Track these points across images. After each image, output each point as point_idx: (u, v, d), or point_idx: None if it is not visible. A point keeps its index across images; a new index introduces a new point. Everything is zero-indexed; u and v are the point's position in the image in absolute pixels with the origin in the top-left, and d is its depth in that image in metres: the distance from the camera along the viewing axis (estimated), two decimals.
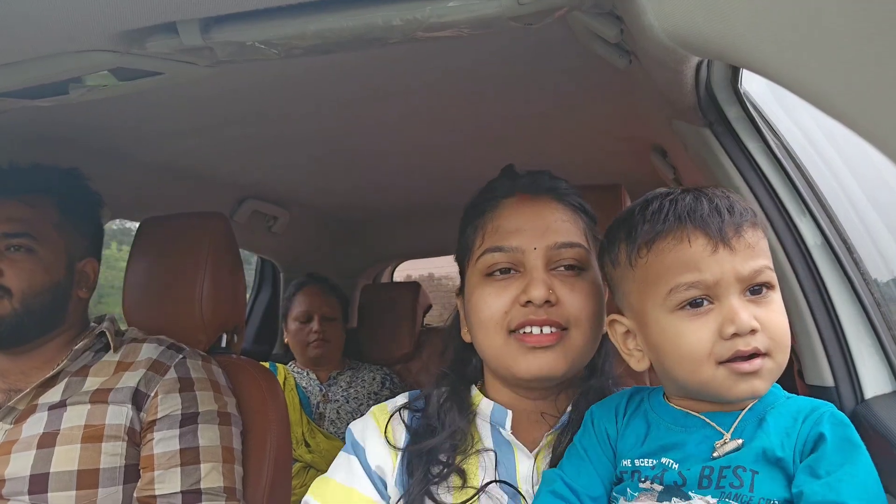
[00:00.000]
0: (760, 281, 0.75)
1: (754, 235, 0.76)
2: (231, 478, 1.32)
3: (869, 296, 1.04)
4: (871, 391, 0.98)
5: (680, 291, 0.75)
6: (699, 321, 0.75)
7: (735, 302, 0.73)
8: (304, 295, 2.49)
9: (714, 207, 0.76)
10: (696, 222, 0.75)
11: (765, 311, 0.74)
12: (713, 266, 0.73)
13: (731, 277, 0.74)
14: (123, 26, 0.87)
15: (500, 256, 0.92)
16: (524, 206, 0.95)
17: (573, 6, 0.84)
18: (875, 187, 1.30)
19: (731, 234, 0.74)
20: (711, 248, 0.74)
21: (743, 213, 0.76)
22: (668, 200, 0.78)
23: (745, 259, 0.74)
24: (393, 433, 0.98)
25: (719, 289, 0.74)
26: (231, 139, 1.74)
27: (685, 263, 0.75)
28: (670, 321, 0.76)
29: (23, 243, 1.31)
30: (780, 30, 0.49)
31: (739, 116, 1.13)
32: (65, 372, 1.32)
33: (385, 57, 1.26)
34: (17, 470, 1.20)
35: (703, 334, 0.74)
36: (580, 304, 0.91)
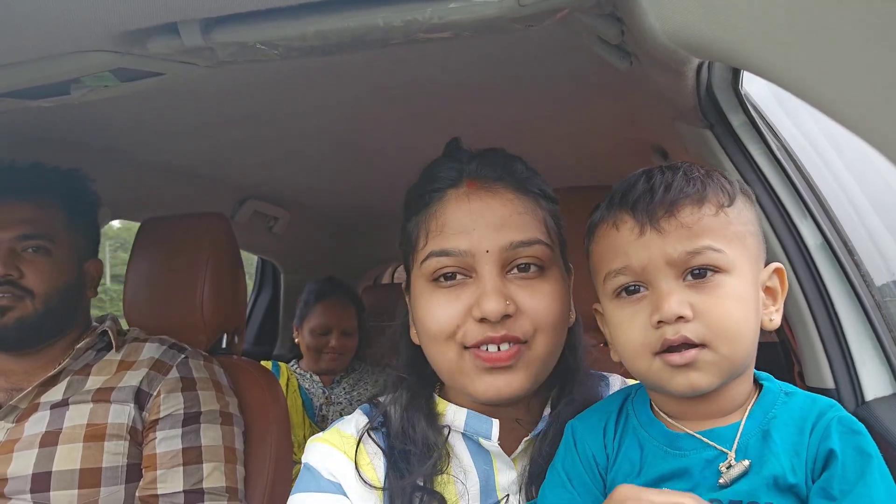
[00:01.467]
0: (699, 263, 0.68)
1: (695, 213, 0.69)
2: (233, 478, 1.32)
3: (870, 298, 1.04)
4: (871, 393, 0.98)
5: (611, 278, 0.72)
6: (633, 308, 0.71)
7: (664, 287, 0.68)
8: (324, 306, 2.41)
9: (650, 186, 0.70)
10: (626, 204, 0.71)
11: (706, 298, 0.67)
12: (639, 250, 0.69)
13: (659, 261, 0.68)
14: (124, 27, 0.87)
15: (447, 261, 0.80)
16: (473, 199, 0.81)
17: (574, 8, 0.83)
18: (876, 189, 1.30)
19: (659, 215, 0.69)
20: (638, 231, 0.69)
21: (684, 188, 0.70)
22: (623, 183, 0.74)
23: (678, 240, 0.68)
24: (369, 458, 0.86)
25: (648, 274, 0.69)
26: (232, 140, 1.74)
27: (614, 249, 0.72)
28: (611, 309, 0.74)
29: (40, 244, 1.33)
30: (780, 32, 0.49)
31: (740, 118, 1.13)
32: (67, 371, 1.33)
33: (386, 58, 1.26)
34: (19, 469, 1.20)
35: (636, 323, 0.70)
36: (543, 311, 0.80)
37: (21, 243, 1.31)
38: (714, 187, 0.71)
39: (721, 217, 0.70)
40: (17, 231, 1.31)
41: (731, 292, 0.68)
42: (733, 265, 0.69)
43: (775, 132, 1.18)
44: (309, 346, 2.41)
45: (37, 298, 1.30)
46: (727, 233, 0.69)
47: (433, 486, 0.83)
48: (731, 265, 0.69)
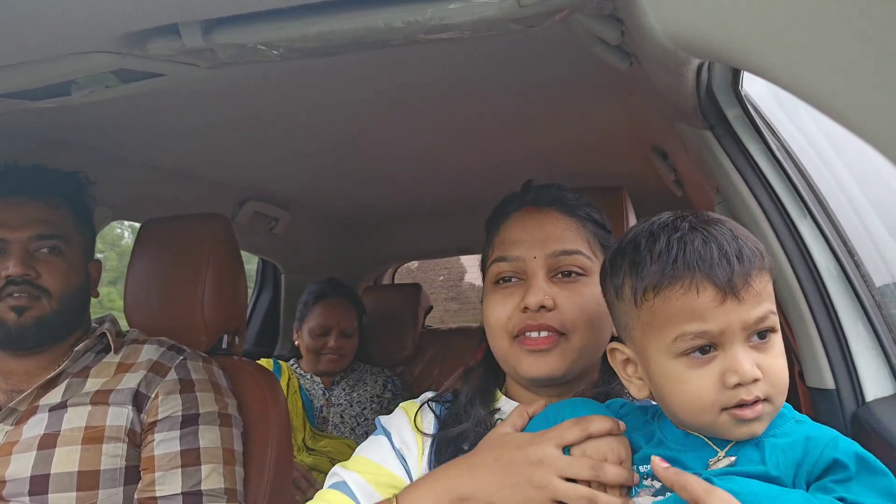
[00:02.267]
0: (765, 327, 0.75)
1: (762, 281, 0.76)
2: (232, 479, 1.32)
3: (870, 298, 1.04)
4: (871, 394, 0.98)
5: (685, 340, 0.75)
6: (702, 369, 0.75)
7: (739, 352, 0.74)
8: (324, 307, 2.41)
9: (723, 254, 0.75)
10: (705, 271, 0.74)
11: (767, 358, 0.75)
12: (719, 317, 0.74)
13: (736, 327, 0.74)
14: (125, 28, 0.87)
15: (505, 266, 0.99)
16: (528, 218, 1.01)
17: (574, 8, 0.84)
18: (876, 188, 1.30)
19: (740, 286, 0.74)
20: (720, 300, 0.74)
21: (752, 258, 0.76)
22: (677, 240, 0.77)
23: (752, 307, 0.74)
24: (422, 421, 1.04)
25: (724, 338, 0.74)
26: (232, 141, 1.75)
27: (692, 313, 0.75)
28: (673, 366, 0.77)
29: (54, 245, 1.34)
30: (780, 32, 0.49)
31: (740, 118, 1.13)
32: (66, 373, 1.33)
33: (386, 59, 1.26)
34: (17, 471, 1.20)
35: (706, 382, 0.75)
36: (578, 309, 0.95)
37: (36, 243, 1.32)
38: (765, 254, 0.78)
39: (771, 282, 0.78)
40: (32, 231, 1.32)
41: (780, 350, 0.77)
42: (778, 324, 0.77)
43: (775, 132, 1.18)
44: (308, 346, 2.41)
45: (53, 298, 1.31)
46: (772, 293, 0.78)
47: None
48: (778, 324, 0.77)
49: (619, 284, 0.82)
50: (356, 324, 2.46)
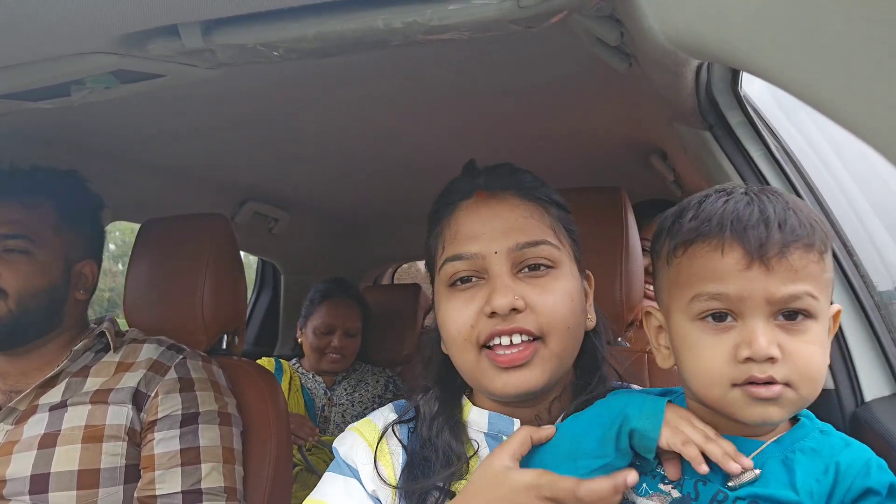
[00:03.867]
0: (795, 307, 0.68)
1: (804, 258, 0.68)
2: (231, 478, 1.32)
3: (869, 299, 1.04)
4: (870, 394, 0.99)
5: (702, 300, 0.70)
6: (717, 337, 0.70)
7: (758, 326, 0.68)
8: (329, 306, 2.41)
9: (764, 217, 0.69)
10: (737, 232, 0.69)
11: (793, 341, 0.68)
12: (741, 282, 0.68)
13: (759, 297, 0.68)
14: (125, 29, 0.87)
15: (461, 265, 0.86)
16: (482, 207, 0.88)
17: (573, 9, 0.84)
18: (875, 189, 1.30)
19: (772, 253, 0.67)
20: (745, 264, 0.68)
21: (797, 229, 0.69)
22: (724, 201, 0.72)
23: (783, 282, 0.67)
24: (389, 454, 0.90)
25: (744, 307, 0.68)
26: (232, 141, 1.75)
27: (713, 273, 0.69)
28: (690, 330, 0.72)
29: (19, 245, 1.31)
30: (779, 32, 0.49)
31: (739, 119, 1.13)
32: (65, 372, 1.33)
33: (386, 60, 1.26)
34: (17, 470, 1.20)
35: (718, 352, 0.69)
36: (552, 307, 0.83)
37: (1, 243, 1.30)
38: (819, 233, 0.71)
39: (821, 264, 0.70)
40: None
41: (816, 339, 0.69)
42: (822, 313, 0.70)
43: (774, 133, 1.18)
44: (312, 345, 2.41)
45: (10, 299, 1.28)
46: (822, 280, 0.70)
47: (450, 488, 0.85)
48: (821, 312, 0.70)
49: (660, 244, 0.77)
50: (360, 324, 2.46)
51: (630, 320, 1.30)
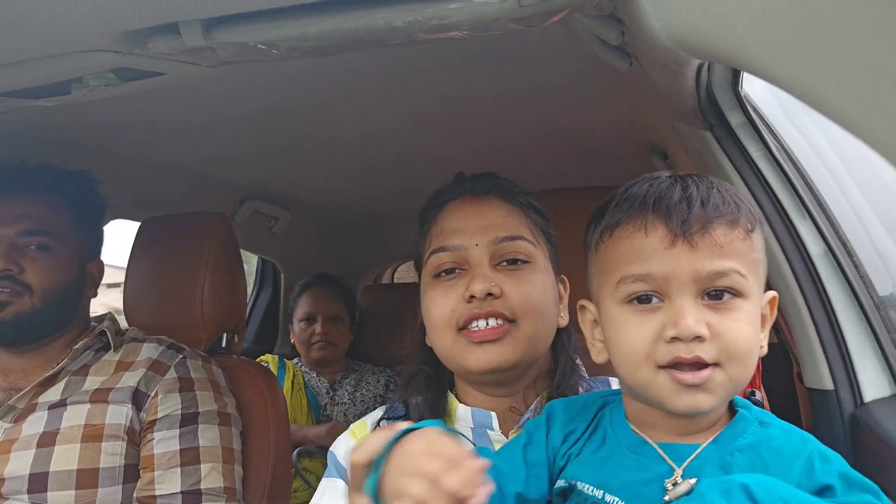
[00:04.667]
0: (723, 285, 0.67)
1: (729, 234, 0.68)
2: (231, 478, 1.32)
3: (869, 299, 1.04)
4: (870, 395, 0.99)
5: (627, 283, 0.69)
6: (643, 317, 0.68)
7: (685, 304, 0.66)
8: (308, 296, 2.47)
9: (686, 196, 0.68)
10: (659, 211, 0.68)
11: (723, 319, 0.66)
12: (667, 261, 0.67)
13: (685, 276, 0.66)
14: (126, 27, 0.87)
15: (445, 256, 0.94)
16: (467, 207, 0.97)
17: (574, 8, 0.84)
18: (875, 190, 1.30)
19: (695, 229, 0.67)
20: (669, 241, 0.67)
21: (720, 206, 0.68)
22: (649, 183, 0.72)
23: (709, 258, 0.66)
24: None
25: (670, 286, 0.67)
26: (232, 139, 1.75)
27: (638, 254, 0.68)
28: (617, 313, 0.71)
29: (42, 241, 1.33)
30: (780, 33, 0.49)
31: (740, 119, 1.13)
32: (65, 371, 1.33)
33: (386, 58, 1.26)
34: (16, 469, 1.20)
35: (644, 332, 0.67)
36: (525, 296, 0.90)
37: (23, 239, 1.31)
38: (745, 211, 0.70)
39: (748, 242, 0.69)
40: (19, 227, 1.31)
41: (746, 317, 0.68)
42: (750, 291, 0.68)
43: (775, 133, 1.18)
44: (299, 338, 2.45)
45: (35, 294, 1.30)
46: (750, 259, 0.69)
47: None
48: (749, 291, 0.68)
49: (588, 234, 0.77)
50: (345, 312, 2.49)
51: None
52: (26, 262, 1.30)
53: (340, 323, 2.46)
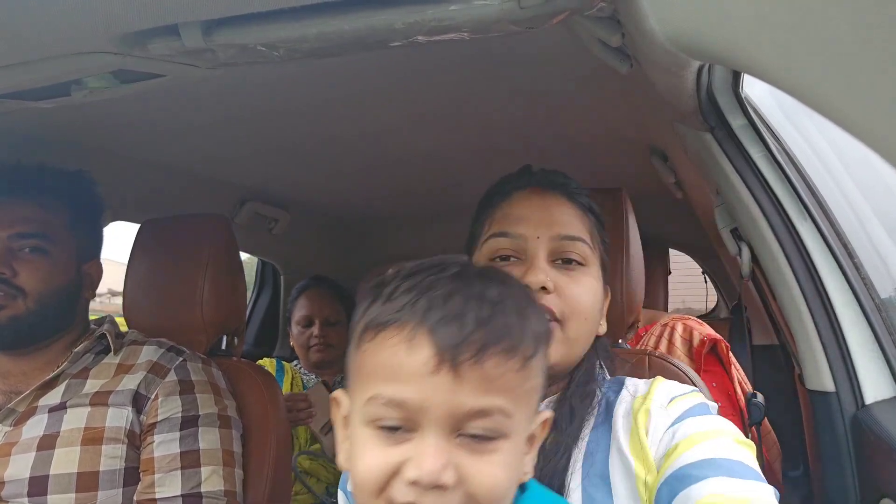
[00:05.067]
0: (481, 427, 0.59)
1: (500, 367, 0.59)
2: (231, 481, 1.32)
3: (870, 300, 1.04)
4: (871, 396, 0.98)
5: (376, 404, 0.60)
6: (387, 447, 0.60)
7: (431, 442, 0.58)
8: (306, 298, 2.47)
9: (461, 312, 0.59)
10: (431, 324, 0.59)
11: (474, 462, 0.59)
12: (425, 389, 0.58)
13: (441, 409, 0.58)
14: (125, 28, 0.87)
15: (505, 242, 0.94)
16: (534, 198, 0.97)
17: (574, 10, 0.84)
18: (876, 191, 1.30)
19: (464, 357, 0.58)
20: (433, 366, 0.58)
21: (500, 332, 0.60)
22: (428, 281, 0.62)
23: (473, 394, 0.58)
24: None
25: (421, 416, 0.58)
26: (232, 141, 1.75)
27: (395, 373, 0.59)
28: (360, 433, 0.62)
29: (37, 244, 1.32)
30: (780, 34, 0.49)
31: (740, 121, 1.13)
32: (65, 374, 1.32)
33: (386, 60, 1.26)
34: (16, 472, 1.20)
35: (382, 464, 0.59)
36: (577, 296, 0.91)
37: (17, 242, 1.31)
38: (529, 333, 0.62)
39: (522, 373, 0.61)
40: (13, 230, 1.30)
41: (503, 460, 0.61)
42: (514, 430, 0.62)
43: (775, 134, 1.18)
44: (297, 341, 2.44)
45: (29, 297, 1.29)
46: (522, 390, 0.62)
47: None
48: (513, 430, 0.61)
49: (355, 318, 0.67)
50: (343, 314, 2.48)
51: (631, 322, 1.30)
52: (20, 265, 1.29)
53: (338, 325, 2.46)
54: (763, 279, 1.23)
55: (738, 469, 0.73)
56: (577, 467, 0.83)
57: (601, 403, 0.90)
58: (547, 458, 0.83)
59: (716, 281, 3.29)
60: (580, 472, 0.83)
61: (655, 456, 0.80)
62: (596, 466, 0.83)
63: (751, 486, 0.71)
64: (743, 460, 0.75)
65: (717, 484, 0.71)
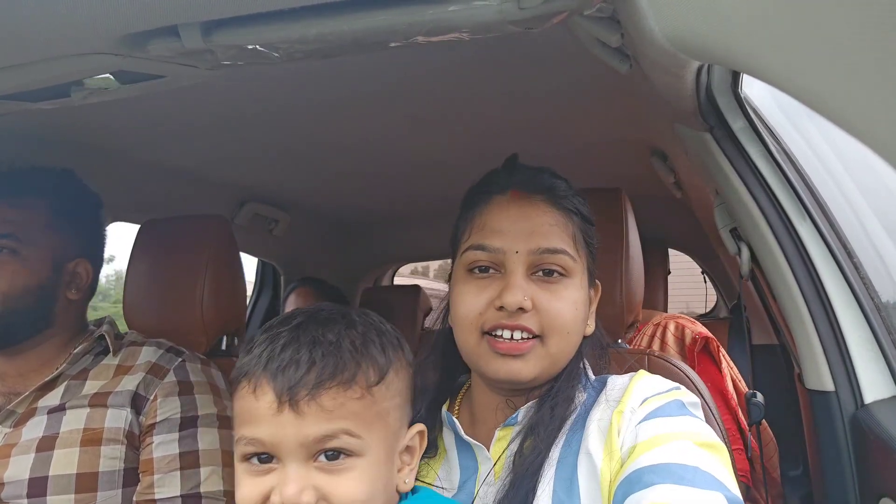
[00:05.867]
0: (332, 447, 0.70)
1: (337, 398, 0.70)
2: (231, 482, 1.32)
3: (869, 300, 1.04)
4: (870, 396, 0.99)
5: (242, 444, 0.72)
6: (256, 479, 0.72)
7: (291, 471, 0.70)
8: (294, 296, 2.55)
9: (295, 359, 0.70)
10: (270, 372, 0.70)
11: (334, 484, 0.70)
12: (274, 427, 0.70)
13: (292, 442, 0.69)
14: (125, 30, 0.87)
15: (482, 255, 0.92)
16: (513, 206, 0.93)
17: (574, 10, 0.84)
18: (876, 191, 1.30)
19: (300, 396, 0.69)
20: (276, 408, 0.69)
21: (331, 371, 0.70)
22: (273, 333, 0.74)
23: (315, 424, 0.69)
24: None
25: (279, 451, 0.70)
26: (232, 142, 1.75)
27: (250, 416, 0.71)
28: (238, 466, 0.75)
29: (5, 244, 1.30)
30: (779, 34, 0.49)
31: (740, 121, 1.13)
32: (64, 375, 1.32)
33: (386, 61, 1.27)
34: (15, 473, 1.20)
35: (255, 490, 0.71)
36: (557, 312, 0.89)
37: None
38: (366, 366, 0.73)
39: (366, 399, 0.72)
40: None
41: (360, 475, 0.71)
42: (368, 448, 0.72)
43: (775, 135, 1.19)
44: None
45: None
46: (369, 414, 0.72)
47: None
48: (366, 449, 0.72)
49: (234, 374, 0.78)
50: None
51: (630, 322, 1.30)
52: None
53: None
54: (762, 279, 1.23)
55: (690, 476, 0.72)
56: (549, 471, 0.84)
57: (580, 407, 0.91)
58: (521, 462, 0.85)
59: (715, 281, 3.29)
60: (553, 475, 0.84)
61: (622, 455, 0.81)
62: (566, 469, 0.84)
63: (699, 496, 0.70)
64: (699, 465, 0.74)
65: (663, 491, 0.71)
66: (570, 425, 0.89)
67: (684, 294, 4.45)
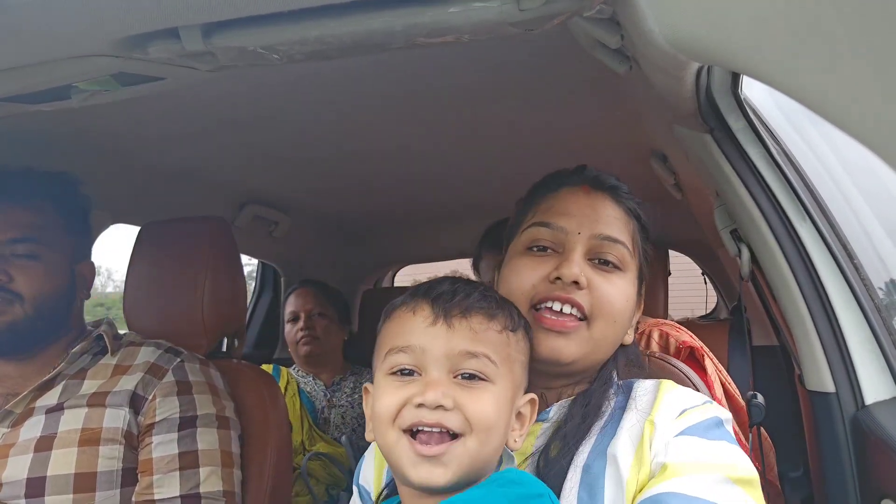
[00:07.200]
0: (472, 367, 0.77)
1: (483, 324, 0.79)
2: (230, 482, 1.32)
3: (869, 301, 1.04)
4: (871, 397, 0.98)
5: (392, 355, 0.79)
6: (399, 387, 0.78)
7: (434, 375, 0.77)
8: (294, 296, 2.53)
9: (453, 289, 0.81)
10: (428, 297, 0.81)
11: (468, 397, 0.76)
12: (426, 337, 0.78)
13: (439, 351, 0.77)
14: (125, 32, 0.87)
15: (545, 232, 0.94)
16: (582, 195, 0.97)
17: (574, 12, 0.84)
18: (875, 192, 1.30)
19: (454, 313, 0.79)
20: (431, 321, 0.79)
21: (481, 303, 0.81)
22: (439, 280, 0.84)
23: (463, 339, 0.78)
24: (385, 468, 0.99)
25: (425, 359, 0.77)
26: (232, 144, 1.75)
27: (405, 329, 0.80)
28: (382, 384, 0.80)
29: (30, 249, 1.31)
30: (779, 35, 0.49)
31: (740, 122, 1.13)
32: (62, 375, 1.32)
33: (386, 63, 1.27)
34: (14, 473, 1.20)
35: (397, 397, 0.77)
36: (609, 296, 0.90)
37: (10, 248, 1.30)
38: (504, 313, 0.83)
39: (503, 337, 0.81)
40: (6, 235, 1.30)
41: (491, 398, 0.78)
42: (500, 378, 0.79)
43: (774, 136, 1.19)
44: (288, 339, 2.49)
45: (27, 303, 1.28)
46: (503, 352, 0.80)
47: None
48: (498, 378, 0.79)
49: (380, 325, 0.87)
50: (330, 309, 2.52)
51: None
52: (15, 270, 1.28)
53: (325, 318, 2.49)
54: (763, 280, 1.23)
55: None
56: (575, 475, 0.83)
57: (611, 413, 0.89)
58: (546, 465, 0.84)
59: (715, 282, 3.29)
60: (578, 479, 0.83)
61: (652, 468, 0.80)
62: (592, 474, 0.83)
63: None
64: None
65: None
66: (600, 429, 0.87)
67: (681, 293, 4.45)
